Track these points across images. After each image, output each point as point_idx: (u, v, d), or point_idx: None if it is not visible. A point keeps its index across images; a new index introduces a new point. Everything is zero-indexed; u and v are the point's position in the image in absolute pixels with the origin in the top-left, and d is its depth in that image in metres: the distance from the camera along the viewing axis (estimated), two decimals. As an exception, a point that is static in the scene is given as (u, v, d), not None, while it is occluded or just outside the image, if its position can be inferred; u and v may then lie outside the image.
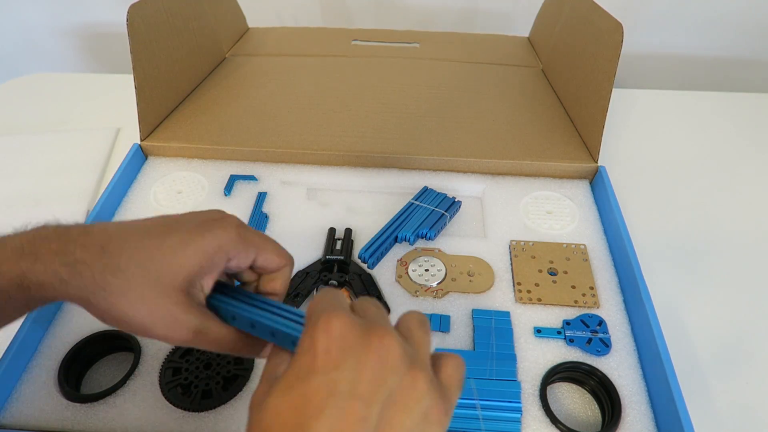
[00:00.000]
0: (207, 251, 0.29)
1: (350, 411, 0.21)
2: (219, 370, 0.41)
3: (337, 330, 0.23)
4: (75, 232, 0.28)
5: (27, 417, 0.39)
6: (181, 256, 0.28)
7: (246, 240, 0.31)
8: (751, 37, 1.02)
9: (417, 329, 0.25)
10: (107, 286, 0.27)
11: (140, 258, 0.28)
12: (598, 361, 0.43)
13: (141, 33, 0.58)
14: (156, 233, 0.29)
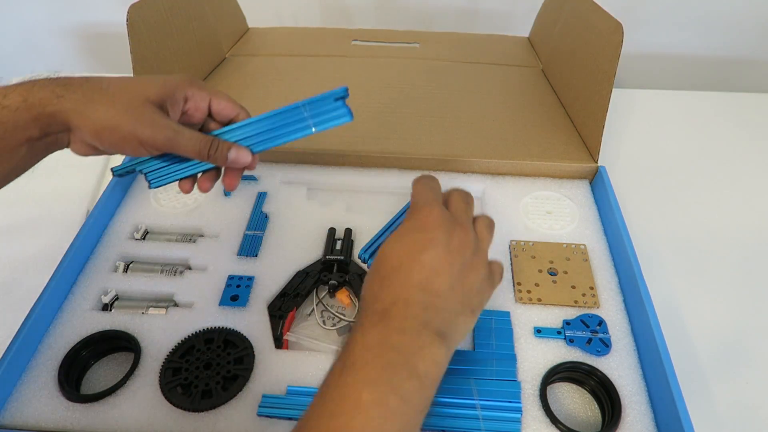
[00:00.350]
0: (168, 84, 0.37)
1: (443, 256, 0.33)
2: (219, 370, 0.41)
3: (436, 216, 0.34)
4: (60, 77, 0.35)
5: (27, 417, 0.39)
6: (150, 84, 0.37)
7: (198, 85, 0.40)
8: (751, 37, 1.02)
9: (487, 233, 0.37)
10: (94, 99, 0.34)
11: (118, 82, 0.36)
12: (598, 361, 0.43)
13: (141, 33, 0.58)
14: (127, 77, 0.37)
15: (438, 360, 0.31)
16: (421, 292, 0.32)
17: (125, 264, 0.51)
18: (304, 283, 0.49)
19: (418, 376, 0.29)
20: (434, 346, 0.31)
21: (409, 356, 0.30)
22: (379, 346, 0.30)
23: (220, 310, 0.46)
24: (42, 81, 0.34)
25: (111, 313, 0.46)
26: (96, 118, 0.34)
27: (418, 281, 0.32)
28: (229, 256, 0.51)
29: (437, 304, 0.32)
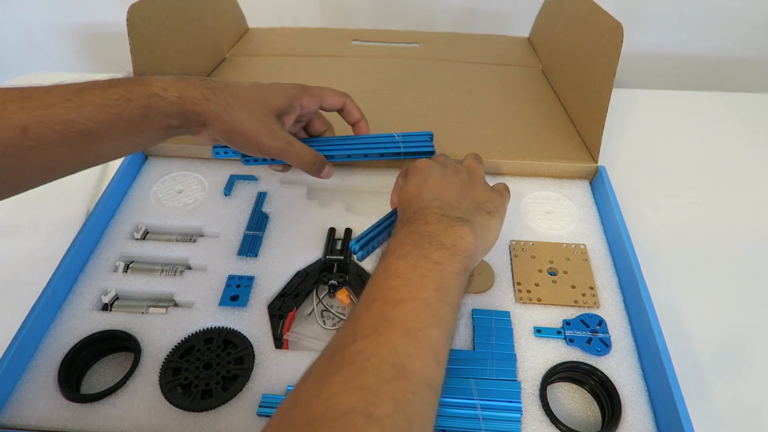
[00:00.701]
0: (287, 95, 0.45)
1: (442, 179, 0.41)
2: (219, 370, 0.41)
3: (425, 162, 0.43)
4: (206, 80, 0.42)
5: (27, 417, 0.39)
6: (273, 96, 0.44)
7: (310, 93, 0.48)
8: (751, 37, 1.02)
9: (476, 163, 0.46)
10: (231, 105, 0.41)
11: (250, 92, 0.43)
12: (598, 360, 0.43)
13: (141, 33, 0.58)
14: (256, 84, 0.45)
15: (462, 235, 0.35)
16: (435, 200, 0.38)
17: (125, 264, 0.51)
18: (304, 283, 0.49)
19: (445, 246, 0.34)
20: (456, 227, 0.36)
21: (435, 236, 0.35)
22: (408, 236, 0.35)
23: (220, 310, 0.46)
24: (194, 81, 0.41)
25: (111, 313, 0.46)
26: (229, 122, 0.41)
27: (430, 195, 0.39)
28: (229, 256, 0.51)
29: (452, 204, 0.38)
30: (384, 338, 0.29)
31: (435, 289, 0.32)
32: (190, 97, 0.40)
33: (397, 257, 0.34)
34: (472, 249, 0.35)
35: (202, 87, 0.41)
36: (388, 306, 0.31)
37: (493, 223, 0.40)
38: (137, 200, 0.57)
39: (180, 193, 0.58)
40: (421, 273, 0.32)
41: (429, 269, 0.33)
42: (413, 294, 0.31)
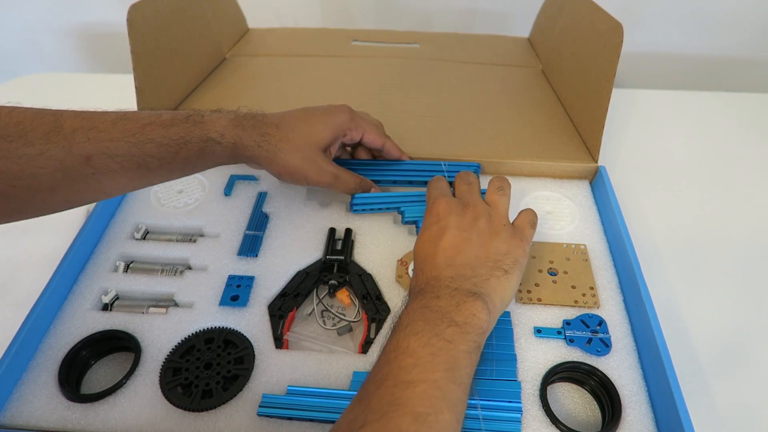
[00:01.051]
0: (333, 127, 0.48)
1: (458, 235, 0.40)
2: (219, 370, 0.41)
3: (444, 205, 0.42)
4: (259, 116, 0.45)
5: (27, 417, 0.39)
6: (321, 131, 0.47)
7: (356, 122, 0.50)
8: (751, 37, 1.02)
9: (498, 197, 0.44)
10: (282, 149, 0.45)
11: (299, 132, 0.46)
12: (598, 361, 0.43)
13: (141, 33, 0.58)
14: (304, 118, 0.47)
15: (474, 312, 0.35)
16: (448, 268, 0.38)
17: (125, 264, 0.51)
18: (305, 283, 0.49)
19: (457, 323, 0.34)
20: (468, 303, 0.35)
21: (446, 312, 0.35)
22: (420, 311, 0.35)
23: (220, 310, 0.46)
24: (249, 127, 0.43)
25: (111, 312, 0.46)
26: (279, 164, 0.45)
27: (444, 261, 0.38)
28: (230, 256, 0.51)
29: (465, 273, 0.38)
30: (393, 423, 0.29)
31: (446, 370, 0.32)
32: (244, 145, 0.43)
33: (408, 333, 0.33)
34: (484, 326, 0.35)
35: (256, 134, 0.44)
36: (398, 387, 0.31)
37: (510, 282, 0.39)
38: (137, 200, 0.57)
39: (180, 193, 0.58)
40: (433, 352, 0.32)
41: (440, 348, 0.32)
42: (424, 375, 0.31)
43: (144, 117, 0.40)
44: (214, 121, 0.42)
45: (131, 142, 0.38)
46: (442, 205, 0.42)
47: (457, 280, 0.37)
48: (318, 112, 0.48)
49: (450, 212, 0.41)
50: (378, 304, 0.47)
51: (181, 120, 0.41)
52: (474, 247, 0.39)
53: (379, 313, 0.46)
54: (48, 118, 0.36)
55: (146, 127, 0.39)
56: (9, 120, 0.35)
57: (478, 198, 0.44)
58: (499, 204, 0.43)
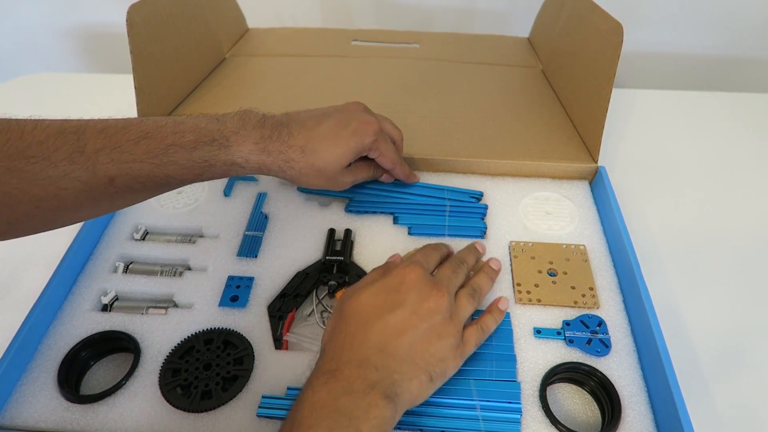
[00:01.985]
0: (358, 149, 0.47)
1: (409, 317, 0.36)
2: (219, 371, 0.41)
3: (414, 277, 0.38)
4: (285, 135, 0.43)
5: (26, 418, 0.39)
6: (344, 153, 0.46)
7: (377, 146, 0.49)
8: (751, 37, 1.02)
9: (467, 301, 0.41)
10: (306, 173, 0.45)
11: (323, 156, 0.45)
12: (597, 361, 0.43)
13: (141, 33, 0.58)
14: (331, 138, 0.45)
15: (383, 422, 0.32)
16: (378, 354, 0.34)
17: (125, 264, 0.51)
18: (304, 283, 0.49)
19: None
20: (380, 407, 0.32)
21: (354, 418, 0.31)
22: (326, 407, 0.31)
23: (219, 311, 0.46)
24: (275, 153, 0.42)
25: (111, 313, 0.46)
26: (303, 184, 0.46)
27: (378, 342, 0.35)
28: (229, 257, 0.51)
29: (391, 366, 0.34)
30: None
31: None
32: (268, 169, 0.43)
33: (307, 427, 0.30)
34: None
35: (281, 160, 0.43)
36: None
37: (429, 390, 0.36)
38: (137, 201, 0.57)
39: (180, 193, 0.58)
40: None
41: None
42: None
43: (167, 135, 0.39)
44: (240, 144, 0.41)
45: (154, 164, 0.38)
46: (413, 275, 0.39)
47: (381, 371, 0.34)
48: (348, 128, 0.46)
49: (415, 288, 0.38)
50: (377, 304, 0.47)
51: (205, 142, 0.40)
52: (415, 338, 0.36)
53: (378, 314, 0.46)
54: (71, 137, 0.36)
55: (169, 149, 0.39)
56: (32, 139, 0.35)
57: (451, 290, 0.40)
58: (464, 309, 0.40)
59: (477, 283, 0.44)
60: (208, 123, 0.41)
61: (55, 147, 0.35)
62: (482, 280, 0.45)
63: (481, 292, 0.43)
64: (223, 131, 0.41)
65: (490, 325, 0.42)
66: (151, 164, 0.38)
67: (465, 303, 0.41)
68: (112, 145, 0.37)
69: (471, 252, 0.48)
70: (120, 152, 0.37)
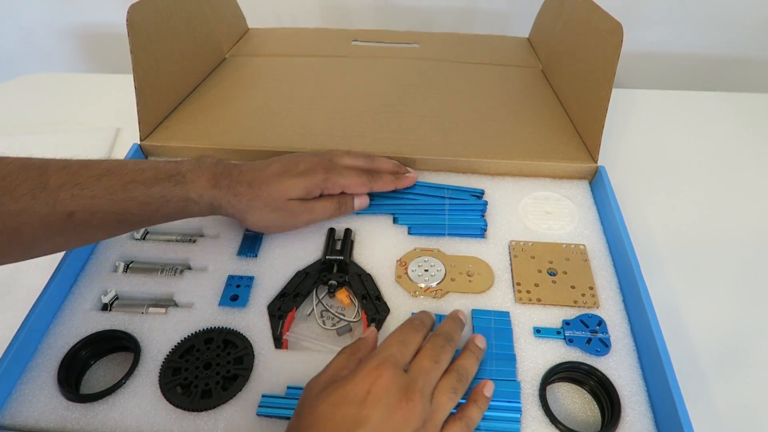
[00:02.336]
0: (306, 188, 0.48)
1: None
2: (219, 370, 0.41)
3: (385, 382, 0.33)
4: (236, 173, 0.46)
5: (26, 417, 0.39)
6: (291, 187, 0.47)
7: (332, 182, 0.50)
8: (751, 37, 1.02)
9: (446, 399, 0.35)
10: (253, 206, 0.46)
11: (269, 189, 0.46)
12: (597, 361, 0.43)
13: (141, 33, 0.58)
14: (277, 177, 0.47)
15: None
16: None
17: (125, 264, 0.51)
18: (304, 283, 0.49)
19: None
20: None
21: None
22: None
23: (219, 310, 0.46)
24: (225, 187, 0.45)
25: (111, 313, 0.46)
26: (254, 221, 0.47)
27: None
28: (229, 256, 0.51)
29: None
30: None
31: None
32: (219, 204, 0.45)
33: None
34: None
35: (230, 194, 0.45)
36: None
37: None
38: (137, 200, 0.57)
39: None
40: None
41: None
42: None
43: (128, 173, 0.41)
44: (194, 181, 0.44)
45: (112, 200, 0.40)
46: (381, 381, 0.32)
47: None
48: (296, 169, 0.48)
49: (383, 399, 0.32)
50: (377, 304, 0.47)
51: (163, 179, 0.42)
52: None
53: (378, 313, 0.46)
54: (34, 172, 0.37)
55: (129, 185, 0.40)
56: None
57: (427, 391, 0.35)
58: (443, 409, 0.35)
59: (463, 368, 0.38)
60: (167, 163, 0.44)
61: (18, 182, 0.36)
62: (468, 362, 0.39)
63: (467, 379, 0.38)
64: (180, 169, 0.44)
65: (475, 417, 0.36)
66: (110, 200, 0.39)
67: (445, 401, 0.35)
68: (74, 181, 0.38)
69: (455, 326, 0.41)
70: (80, 188, 0.38)
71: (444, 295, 0.48)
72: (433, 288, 0.48)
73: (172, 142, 0.62)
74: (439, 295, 0.48)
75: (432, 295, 0.48)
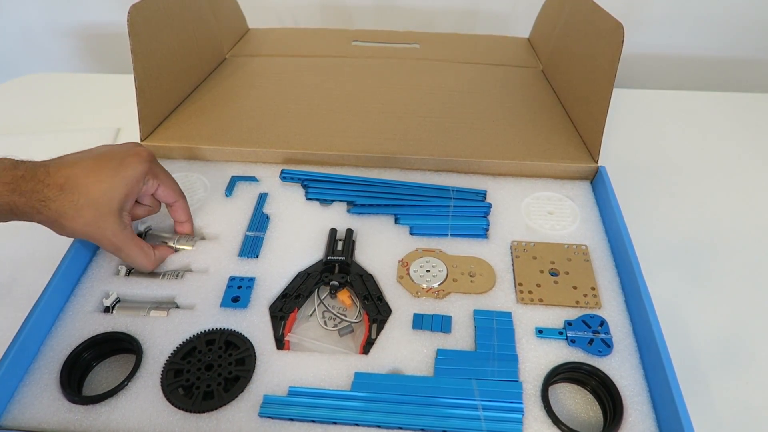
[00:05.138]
0: (127, 182, 0.42)
1: None
2: (220, 371, 0.41)
3: None
4: (42, 174, 0.40)
5: (29, 419, 0.39)
6: (111, 188, 0.41)
7: (154, 173, 0.45)
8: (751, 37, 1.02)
9: None
10: (65, 214, 0.40)
11: (85, 192, 0.40)
12: (599, 361, 0.43)
13: (141, 33, 0.58)
14: (94, 172, 0.41)
15: None
16: None
17: (127, 267, 0.51)
18: (306, 283, 0.49)
19: None
20: None
21: None
22: None
23: (221, 312, 0.46)
24: (27, 190, 0.39)
25: (113, 315, 0.46)
26: (68, 228, 0.41)
27: None
28: (230, 258, 0.51)
29: None
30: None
31: None
32: (22, 212, 0.39)
33: None
34: None
35: (35, 200, 0.39)
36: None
37: None
38: (138, 201, 0.57)
39: (181, 193, 0.58)
40: None
41: None
42: None
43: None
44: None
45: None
46: None
47: None
48: (112, 162, 0.42)
49: None
50: (379, 304, 0.47)
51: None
52: None
53: (380, 314, 0.46)
54: None
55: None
56: None
57: None
58: None
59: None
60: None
61: None
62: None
63: None
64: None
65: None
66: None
67: None
68: None
69: None
70: None
71: (446, 295, 0.48)
72: (435, 288, 0.48)
73: (173, 142, 0.62)
74: (441, 295, 0.48)
75: (434, 296, 0.48)
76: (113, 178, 0.42)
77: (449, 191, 0.57)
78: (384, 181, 0.59)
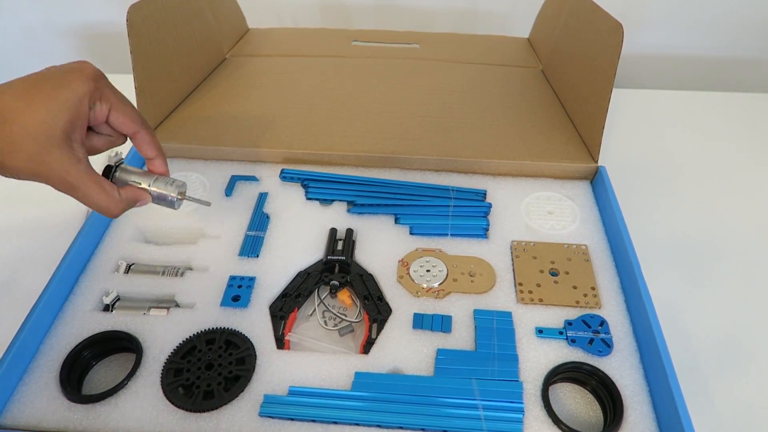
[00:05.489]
0: (71, 105, 0.35)
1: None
2: (221, 370, 0.41)
3: None
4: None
5: (28, 418, 0.39)
6: (49, 114, 0.34)
7: (102, 94, 0.37)
8: (751, 37, 1.02)
9: None
10: (0, 149, 0.33)
11: (19, 121, 0.33)
12: (599, 361, 0.43)
13: (141, 33, 0.58)
14: (25, 97, 0.34)
15: None
16: None
17: (127, 265, 0.51)
18: (306, 283, 0.49)
19: None
20: None
21: None
22: None
23: (221, 311, 0.46)
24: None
25: (112, 313, 0.46)
26: (9, 169, 0.34)
27: None
28: (231, 257, 0.51)
29: None
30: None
31: None
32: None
33: None
34: None
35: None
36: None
37: None
38: (138, 201, 0.57)
39: (181, 193, 0.58)
40: None
41: None
42: None
43: None
44: None
45: None
46: None
47: None
48: (48, 84, 0.35)
49: None
50: (379, 304, 0.47)
51: None
52: None
53: (380, 314, 0.46)
54: None
55: None
56: None
57: None
58: None
59: None
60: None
61: None
62: None
63: None
64: None
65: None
66: None
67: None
68: None
69: None
70: None
71: (446, 295, 0.48)
72: (435, 288, 0.48)
73: (173, 142, 0.62)
74: (441, 295, 0.48)
75: (434, 296, 0.48)
76: (51, 102, 0.34)
77: (449, 191, 0.57)
78: (384, 181, 0.59)
